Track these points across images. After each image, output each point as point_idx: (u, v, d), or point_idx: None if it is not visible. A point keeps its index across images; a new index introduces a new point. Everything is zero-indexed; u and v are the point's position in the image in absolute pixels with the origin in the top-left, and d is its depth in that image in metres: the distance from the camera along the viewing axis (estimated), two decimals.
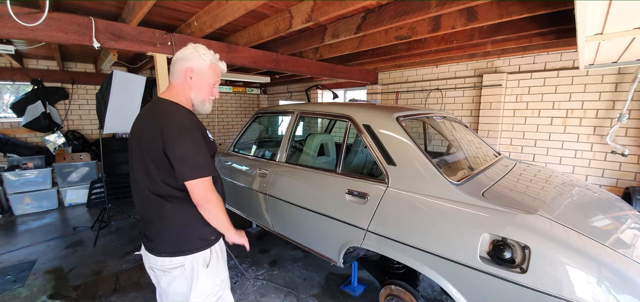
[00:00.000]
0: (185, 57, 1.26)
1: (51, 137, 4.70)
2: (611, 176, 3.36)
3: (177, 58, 1.28)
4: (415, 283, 1.90)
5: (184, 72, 1.25)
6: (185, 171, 1.13)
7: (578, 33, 1.67)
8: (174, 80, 1.29)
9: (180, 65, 1.26)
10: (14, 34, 2.01)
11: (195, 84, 1.28)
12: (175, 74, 1.28)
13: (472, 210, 1.47)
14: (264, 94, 8.20)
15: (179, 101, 1.28)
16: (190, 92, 1.28)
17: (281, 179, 2.42)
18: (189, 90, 1.28)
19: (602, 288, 1.16)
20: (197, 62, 1.26)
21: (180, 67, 1.26)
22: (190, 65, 1.25)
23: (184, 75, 1.26)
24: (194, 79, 1.26)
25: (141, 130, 1.23)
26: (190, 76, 1.26)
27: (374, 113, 2.06)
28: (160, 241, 1.24)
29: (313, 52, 3.99)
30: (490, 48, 3.36)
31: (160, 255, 1.23)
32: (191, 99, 1.30)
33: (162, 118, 1.18)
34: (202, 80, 1.28)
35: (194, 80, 1.27)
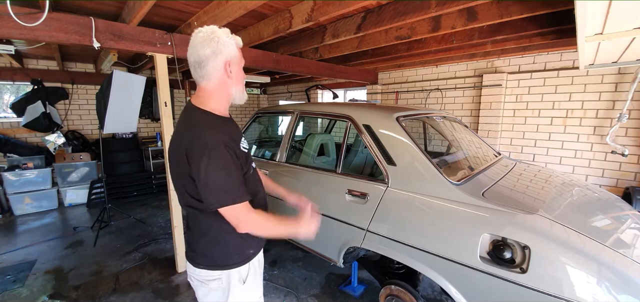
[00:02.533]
0: (216, 51, 1.03)
1: (51, 137, 4.70)
2: (611, 175, 3.36)
3: (205, 56, 1.03)
4: (415, 283, 1.90)
5: (223, 68, 1.06)
6: (209, 199, 1.00)
7: (578, 33, 1.67)
8: (208, 84, 1.08)
9: (214, 62, 1.04)
10: (14, 34, 2.01)
11: (236, 76, 1.10)
12: (209, 76, 1.06)
13: (472, 210, 1.47)
14: (264, 94, 8.19)
15: (211, 107, 1.10)
16: (231, 88, 1.11)
17: (281, 179, 2.42)
18: (232, 86, 1.11)
19: (602, 288, 1.16)
20: (229, 49, 1.06)
21: (216, 65, 1.05)
22: (226, 58, 1.05)
23: (223, 72, 1.06)
24: (234, 71, 1.08)
25: (174, 145, 1.11)
26: (231, 70, 1.07)
27: (374, 113, 2.06)
28: (198, 252, 1.17)
29: (313, 52, 3.99)
30: (490, 48, 3.36)
31: (198, 266, 1.17)
32: (232, 95, 1.13)
33: (188, 137, 1.04)
34: (239, 67, 1.11)
35: (234, 73, 1.08)
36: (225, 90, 1.11)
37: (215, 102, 1.11)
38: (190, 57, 1.06)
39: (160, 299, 2.40)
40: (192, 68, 1.07)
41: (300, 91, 7.13)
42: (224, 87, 1.10)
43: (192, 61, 1.06)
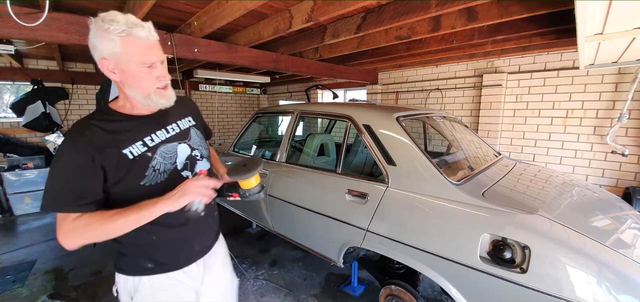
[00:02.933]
0: (92, 45, 0.88)
1: (51, 137, 4.70)
2: (611, 175, 3.36)
3: (89, 48, 0.90)
4: (415, 283, 1.90)
5: (102, 67, 0.89)
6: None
7: (578, 33, 1.67)
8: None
9: (95, 58, 0.90)
10: (14, 34, 2.01)
11: (123, 76, 0.91)
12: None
13: (472, 210, 1.47)
14: (264, 94, 8.20)
15: (117, 104, 1.00)
16: (124, 88, 0.94)
17: (281, 179, 2.42)
18: (122, 86, 0.94)
19: (602, 288, 1.16)
20: (102, 45, 0.87)
21: (97, 61, 0.90)
22: (101, 54, 0.88)
23: (105, 70, 0.90)
24: (117, 69, 0.89)
25: None
26: (111, 69, 0.89)
27: (374, 113, 2.06)
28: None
29: (313, 52, 3.99)
30: (490, 48, 3.36)
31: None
32: (131, 96, 0.95)
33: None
34: (127, 65, 0.88)
35: (118, 72, 0.90)
36: (121, 89, 0.96)
37: (121, 101, 1.00)
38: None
39: None
40: None
41: (300, 91, 7.13)
42: (119, 86, 0.96)
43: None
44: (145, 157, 0.96)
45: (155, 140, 1.00)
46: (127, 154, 0.93)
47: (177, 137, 1.07)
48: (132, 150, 0.94)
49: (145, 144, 0.98)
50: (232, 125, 7.90)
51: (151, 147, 0.98)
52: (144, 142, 0.98)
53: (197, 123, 1.20)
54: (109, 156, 0.90)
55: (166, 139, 1.04)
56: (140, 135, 0.98)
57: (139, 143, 0.96)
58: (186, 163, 1.08)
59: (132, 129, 0.97)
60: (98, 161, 0.88)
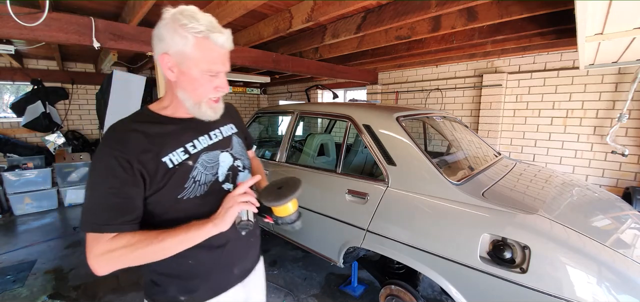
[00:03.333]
0: (158, 36, 0.81)
1: (51, 137, 4.70)
2: (611, 175, 3.36)
3: (153, 37, 0.83)
4: (415, 283, 1.90)
5: (161, 61, 0.82)
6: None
7: (578, 33, 1.67)
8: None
9: (155, 48, 0.83)
10: (14, 34, 2.01)
11: (181, 78, 0.83)
12: (158, 67, 0.88)
13: (472, 210, 1.47)
14: (264, 94, 8.20)
15: (161, 104, 0.91)
16: (176, 90, 0.85)
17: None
18: (175, 88, 0.86)
19: (602, 288, 1.16)
20: (172, 41, 0.78)
21: (156, 53, 0.83)
22: (166, 49, 0.80)
23: (162, 66, 0.82)
24: (176, 69, 0.82)
25: None
26: (170, 67, 0.82)
27: (374, 113, 2.06)
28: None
29: (313, 52, 3.99)
30: (490, 48, 3.36)
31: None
32: (180, 100, 0.86)
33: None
34: (190, 69, 0.81)
35: (177, 73, 0.82)
36: (171, 89, 0.87)
37: (166, 101, 0.91)
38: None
39: None
40: None
41: (300, 91, 7.13)
42: (170, 85, 0.87)
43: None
44: (186, 166, 0.85)
45: (197, 147, 0.89)
46: (167, 162, 0.82)
47: (220, 144, 0.97)
48: (173, 157, 0.84)
49: (187, 151, 0.87)
50: None
51: (192, 155, 0.88)
52: (185, 148, 0.87)
53: (239, 131, 1.10)
54: (147, 162, 0.79)
55: (209, 146, 0.93)
56: (182, 140, 0.87)
57: (180, 150, 0.86)
58: (228, 174, 0.96)
59: (173, 133, 0.87)
60: (137, 168, 0.77)
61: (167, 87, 0.89)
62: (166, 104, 0.90)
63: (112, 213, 0.75)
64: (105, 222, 0.75)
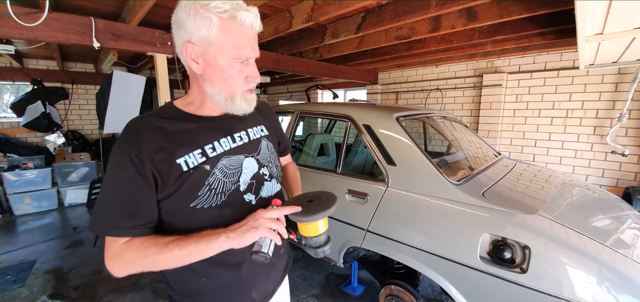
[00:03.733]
0: (177, 22, 0.73)
1: (51, 137, 4.69)
2: (611, 175, 3.36)
3: (172, 23, 0.76)
4: (415, 283, 1.90)
5: (183, 51, 0.73)
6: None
7: (578, 33, 1.67)
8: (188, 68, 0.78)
9: (175, 38, 0.75)
10: (14, 34, 2.01)
11: (208, 69, 0.74)
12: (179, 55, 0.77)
13: (472, 210, 1.47)
14: (264, 94, 8.20)
15: (185, 100, 0.82)
16: (203, 84, 0.76)
17: None
18: (202, 81, 0.76)
19: (602, 288, 1.16)
20: (193, 26, 0.69)
21: (177, 43, 0.75)
22: (188, 37, 0.71)
23: (186, 58, 0.74)
24: (202, 60, 0.73)
25: None
26: (194, 58, 0.73)
27: (374, 113, 2.06)
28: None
29: (313, 52, 3.99)
30: (490, 48, 3.36)
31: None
32: (209, 94, 0.77)
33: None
34: (217, 57, 0.72)
35: (203, 63, 0.73)
36: (197, 83, 0.78)
37: (191, 96, 0.82)
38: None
39: (160, 299, 2.40)
40: None
41: (300, 91, 7.13)
42: (195, 79, 0.78)
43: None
44: (202, 170, 0.75)
45: (217, 150, 0.79)
46: (181, 165, 0.73)
47: (245, 148, 0.85)
48: (188, 159, 0.74)
49: (204, 154, 0.77)
50: None
51: (211, 158, 0.77)
52: (203, 150, 0.77)
53: (270, 133, 0.97)
54: (161, 162, 0.71)
55: (231, 149, 0.82)
56: (200, 141, 0.77)
57: (197, 151, 0.76)
58: (251, 183, 0.84)
59: (191, 132, 0.77)
60: (149, 168, 0.70)
61: (192, 80, 0.80)
62: (191, 100, 0.81)
63: (122, 215, 0.69)
64: (115, 224, 0.69)
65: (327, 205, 0.76)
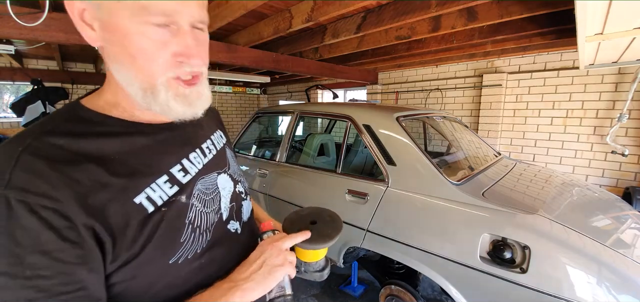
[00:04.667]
0: None
1: None
2: (611, 175, 3.36)
3: None
4: (415, 283, 1.90)
5: (71, 13, 0.48)
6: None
7: (578, 33, 1.67)
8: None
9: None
10: (14, 34, 2.01)
11: (106, 39, 0.47)
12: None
13: (472, 210, 1.47)
14: (264, 94, 8.20)
15: (99, 102, 0.52)
16: (111, 65, 0.49)
17: (281, 179, 2.42)
18: (107, 61, 0.49)
19: (602, 288, 1.15)
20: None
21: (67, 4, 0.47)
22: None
23: (75, 21, 0.48)
24: (98, 28, 0.47)
25: None
26: (85, 19, 0.47)
27: (374, 113, 2.06)
28: None
29: (313, 52, 3.99)
30: (490, 48, 3.36)
31: None
32: (124, 87, 0.49)
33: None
34: (113, 15, 0.44)
35: (100, 32, 0.47)
36: (106, 66, 0.50)
37: (109, 91, 0.52)
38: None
39: None
40: None
41: (300, 91, 7.13)
42: (104, 60, 0.50)
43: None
44: (178, 205, 0.52)
45: (190, 171, 0.56)
46: (144, 205, 0.48)
47: (216, 163, 0.64)
48: (152, 195, 0.49)
49: (174, 180, 0.53)
50: (232, 126, 7.90)
51: (184, 185, 0.54)
52: (170, 175, 0.53)
53: (227, 139, 0.76)
54: (107, 209, 0.44)
55: (204, 166, 0.60)
56: (162, 164, 0.53)
57: (163, 180, 0.51)
58: (232, 207, 0.64)
59: (143, 151, 0.51)
60: (85, 226, 0.42)
61: (105, 64, 0.50)
62: (110, 98, 0.52)
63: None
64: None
65: (337, 226, 0.69)
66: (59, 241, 0.39)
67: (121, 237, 0.45)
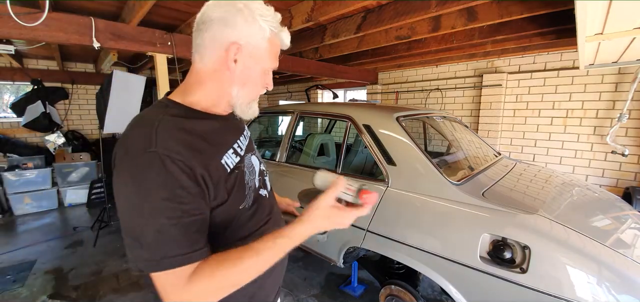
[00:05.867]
0: (225, 20, 0.67)
1: (51, 137, 4.69)
2: (611, 175, 3.36)
3: (210, 18, 0.67)
4: (415, 283, 1.90)
5: (226, 49, 0.68)
6: (128, 254, 0.61)
7: (578, 33, 1.67)
8: (200, 61, 0.71)
9: (216, 33, 0.68)
10: (14, 34, 2.01)
11: (243, 73, 0.71)
12: (204, 49, 0.69)
13: (472, 210, 1.47)
14: (264, 94, 8.19)
15: (191, 99, 0.72)
16: (231, 86, 0.72)
17: (281, 179, 2.42)
18: (230, 83, 0.72)
19: (602, 288, 1.16)
20: (246, 29, 0.68)
21: (217, 38, 0.68)
22: (236, 38, 0.67)
23: (224, 54, 0.68)
24: (241, 63, 0.70)
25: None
26: (236, 58, 0.69)
27: (374, 113, 2.06)
28: None
29: (313, 52, 3.99)
30: (490, 48, 3.36)
31: None
32: (231, 97, 0.73)
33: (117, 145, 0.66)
34: (256, 64, 0.72)
35: (240, 67, 0.70)
36: (221, 83, 0.72)
37: (202, 94, 0.73)
38: (198, 15, 0.71)
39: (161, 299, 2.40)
40: (194, 31, 0.71)
41: (300, 91, 7.13)
42: (220, 78, 0.71)
43: (197, 19, 0.70)
44: (240, 170, 0.75)
45: (242, 148, 0.80)
46: (225, 166, 0.71)
47: (250, 146, 0.88)
48: (227, 160, 0.72)
49: (236, 152, 0.76)
50: None
51: (242, 157, 0.78)
52: (234, 149, 0.76)
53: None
54: (209, 166, 0.65)
55: (246, 147, 0.84)
56: (229, 140, 0.77)
57: (231, 151, 0.75)
58: (260, 179, 0.86)
59: (218, 131, 0.74)
60: (201, 175, 0.63)
61: (209, 79, 0.72)
62: (198, 99, 0.73)
63: (190, 237, 0.60)
64: (184, 251, 0.59)
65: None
66: (190, 181, 0.61)
67: (217, 186, 0.67)
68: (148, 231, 0.57)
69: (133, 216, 0.59)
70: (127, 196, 0.59)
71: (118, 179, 0.61)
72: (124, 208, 0.60)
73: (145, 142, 0.60)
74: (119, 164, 0.62)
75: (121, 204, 0.60)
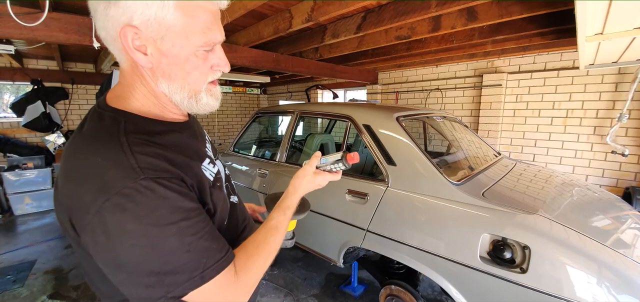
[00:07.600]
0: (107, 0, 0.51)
1: (51, 137, 4.69)
2: (611, 175, 3.36)
3: (93, 4, 0.55)
4: (415, 283, 1.90)
5: (121, 38, 0.52)
6: (151, 294, 0.52)
7: (578, 33, 1.67)
8: (121, 63, 0.60)
9: (103, 22, 0.54)
10: (14, 34, 2.01)
11: (162, 62, 0.56)
12: (108, 45, 0.57)
13: (472, 210, 1.47)
14: (264, 94, 8.20)
15: (133, 105, 0.60)
16: (156, 82, 0.58)
17: (281, 179, 2.42)
18: (153, 78, 0.58)
19: (602, 288, 1.16)
20: (142, 5, 0.50)
21: (106, 28, 0.54)
22: (128, 20, 0.51)
23: (127, 47, 0.53)
24: (153, 49, 0.54)
25: (56, 200, 0.60)
26: (138, 47, 0.54)
27: (374, 113, 2.06)
28: None
29: (313, 52, 3.99)
30: (490, 48, 3.36)
31: None
32: (164, 94, 0.59)
33: (62, 179, 0.55)
34: (177, 47, 0.55)
35: (155, 54, 0.55)
36: (145, 81, 0.58)
37: (139, 99, 0.60)
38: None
39: None
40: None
41: (300, 91, 7.13)
42: (140, 75, 0.58)
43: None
44: (220, 180, 0.71)
45: (212, 156, 0.74)
46: (209, 178, 0.66)
47: (214, 151, 0.80)
48: (206, 172, 0.66)
49: (212, 161, 0.71)
50: (232, 126, 7.90)
51: (216, 165, 0.74)
52: (210, 158, 0.71)
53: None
54: (195, 177, 0.61)
55: (214, 153, 0.78)
56: (201, 149, 0.70)
57: (207, 161, 0.68)
58: (230, 187, 0.82)
59: (187, 141, 0.67)
60: (191, 186, 0.59)
61: (132, 77, 0.59)
62: (139, 105, 0.60)
63: (218, 242, 0.59)
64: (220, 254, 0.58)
65: (302, 209, 0.89)
66: (190, 192, 0.57)
67: (203, 193, 0.62)
68: (177, 257, 0.52)
69: (149, 255, 0.50)
70: (134, 240, 0.50)
71: (111, 227, 0.49)
72: (132, 254, 0.50)
73: (126, 172, 0.50)
74: (104, 212, 0.48)
75: (126, 252, 0.50)
